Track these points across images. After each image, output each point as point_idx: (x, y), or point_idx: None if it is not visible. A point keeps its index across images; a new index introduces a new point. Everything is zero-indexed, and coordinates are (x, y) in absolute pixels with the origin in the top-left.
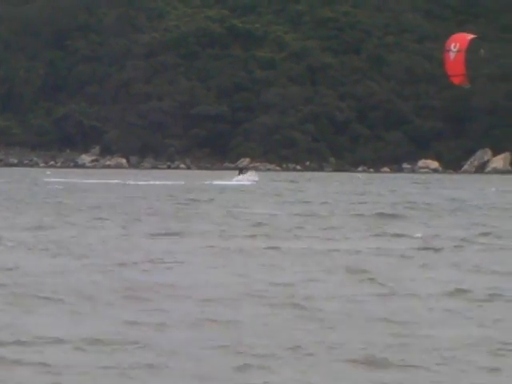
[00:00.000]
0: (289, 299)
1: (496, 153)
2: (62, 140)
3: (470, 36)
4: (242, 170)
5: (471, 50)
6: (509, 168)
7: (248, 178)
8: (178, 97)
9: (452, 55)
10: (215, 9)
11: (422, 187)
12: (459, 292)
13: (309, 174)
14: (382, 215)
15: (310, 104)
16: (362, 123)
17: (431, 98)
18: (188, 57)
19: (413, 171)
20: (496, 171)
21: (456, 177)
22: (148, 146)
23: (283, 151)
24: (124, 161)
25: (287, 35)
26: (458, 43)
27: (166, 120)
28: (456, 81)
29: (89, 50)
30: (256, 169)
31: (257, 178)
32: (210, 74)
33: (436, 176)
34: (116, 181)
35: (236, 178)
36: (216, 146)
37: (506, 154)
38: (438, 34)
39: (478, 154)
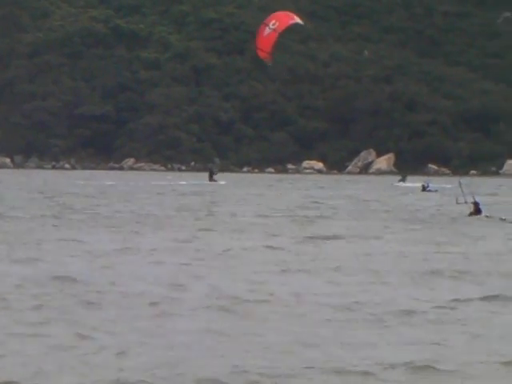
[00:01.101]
0: None
1: (380, 154)
2: None
3: (293, 21)
4: (213, 171)
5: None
6: (392, 169)
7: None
8: (62, 96)
9: (267, 31)
10: (100, 9)
11: None
12: None
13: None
14: None
15: (195, 104)
16: (246, 124)
17: (315, 99)
18: (72, 56)
19: (297, 172)
20: (380, 172)
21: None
22: (32, 145)
23: (168, 151)
24: (8, 160)
25: (171, 36)
26: (277, 22)
27: (51, 120)
28: (261, 55)
29: None
30: (143, 169)
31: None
32: (94, 73)
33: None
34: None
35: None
36: (100, 146)
37: (390, 155)
38: (322, 34)
39: (362, 154)
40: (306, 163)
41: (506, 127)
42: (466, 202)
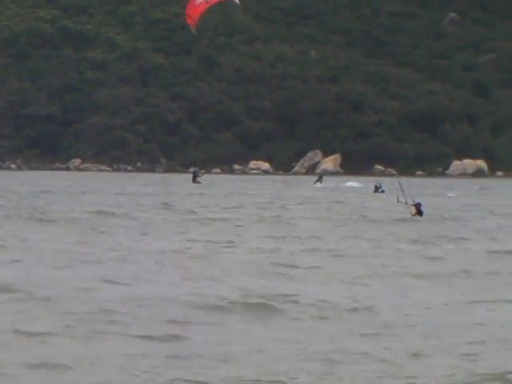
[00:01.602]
0: None
1: (326, 154)
2: None
3: None
4: (196, 174)
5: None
6: (339, 169)
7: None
8: (8, 97)
9: (199, 0)
10: (46, 9)
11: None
12: None
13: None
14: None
15: (141, 105)
16: (192, 124)
17: (261, 99)
18: (19, 57)
19: (244, 172)
20: (326, 172)
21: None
22: None
23: (114, 152)
24: None
25: (118, 36)
26: None
27: None
28: (188, 21)
29: None
30: (89, 169)
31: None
32: (41, 74)
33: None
34: None
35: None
36: (47, 147)
37: (336, 156)
38: (268, 35)
39: (309, 155)
40: (252, 164)
41: (452, 128)
42: (406, 203)
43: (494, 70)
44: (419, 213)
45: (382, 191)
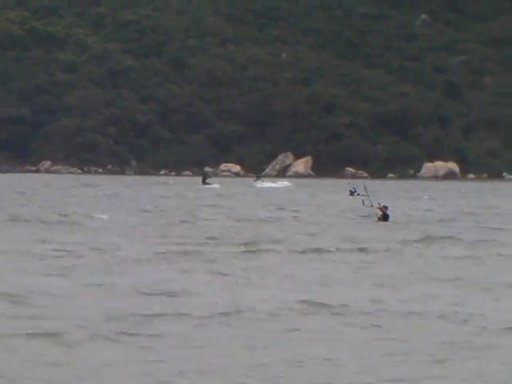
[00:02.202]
0: None
1: (298, 156)
2: None
3: None
4: (206, 176)
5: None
6: (310, 172)
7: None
8: None
9: None
10: (16, 11)
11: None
12: None
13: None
14: None
15: (112, 107)
16: (163, 126)
17: (233, 102)
18: None
19: (215, 175)
20: (298, 175)
21: None
22: None
23: (84, 154)
24: None
25: (88, 38)
26: None
27: None
28: None
29: None
30: (59, 172)
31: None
32: (10, 76)
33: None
34: None
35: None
36: (17, 149)
37: (308, 158)
38: (239, 37)
39: (280, 157)
40: (223, 166)
41: (423, 130)
42: (371, 206)
43: (466, 72)
44: (385, 216)
45: (358, 194)
